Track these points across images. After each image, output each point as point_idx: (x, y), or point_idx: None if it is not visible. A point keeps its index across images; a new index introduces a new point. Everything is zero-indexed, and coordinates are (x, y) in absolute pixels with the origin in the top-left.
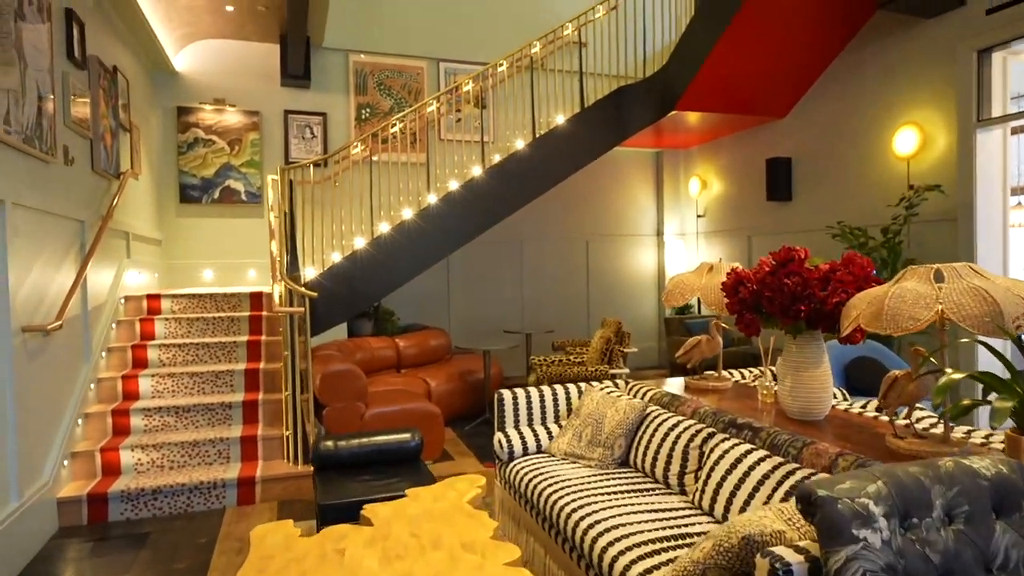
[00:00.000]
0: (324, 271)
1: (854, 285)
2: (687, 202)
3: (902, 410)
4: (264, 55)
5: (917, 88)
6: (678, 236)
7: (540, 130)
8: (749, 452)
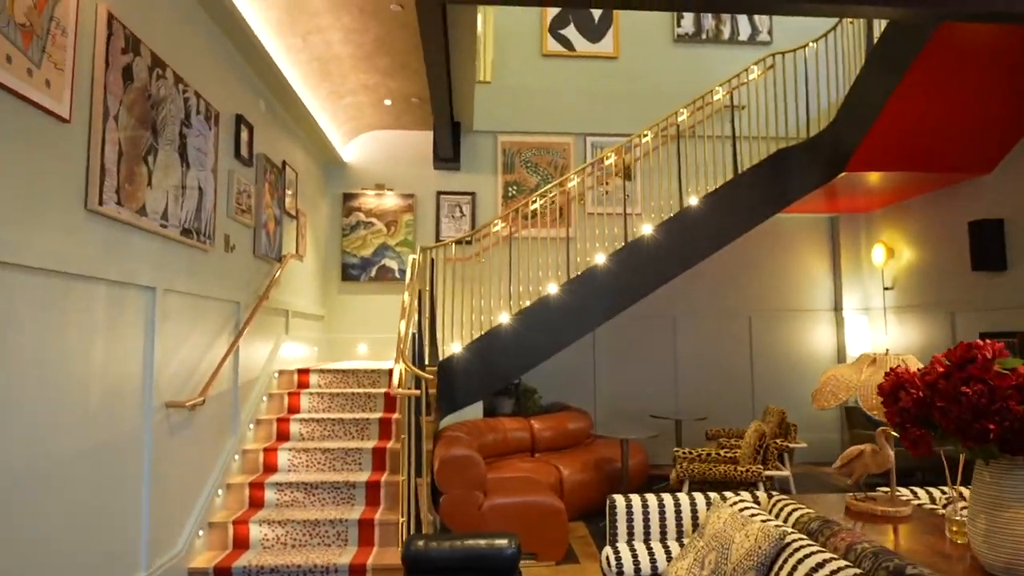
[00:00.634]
0: (464, 347)
1: None
2: (871, 273)
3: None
4: (419, 141)
5: None
6: (861, 311)
7: (688, 200)
8: None
